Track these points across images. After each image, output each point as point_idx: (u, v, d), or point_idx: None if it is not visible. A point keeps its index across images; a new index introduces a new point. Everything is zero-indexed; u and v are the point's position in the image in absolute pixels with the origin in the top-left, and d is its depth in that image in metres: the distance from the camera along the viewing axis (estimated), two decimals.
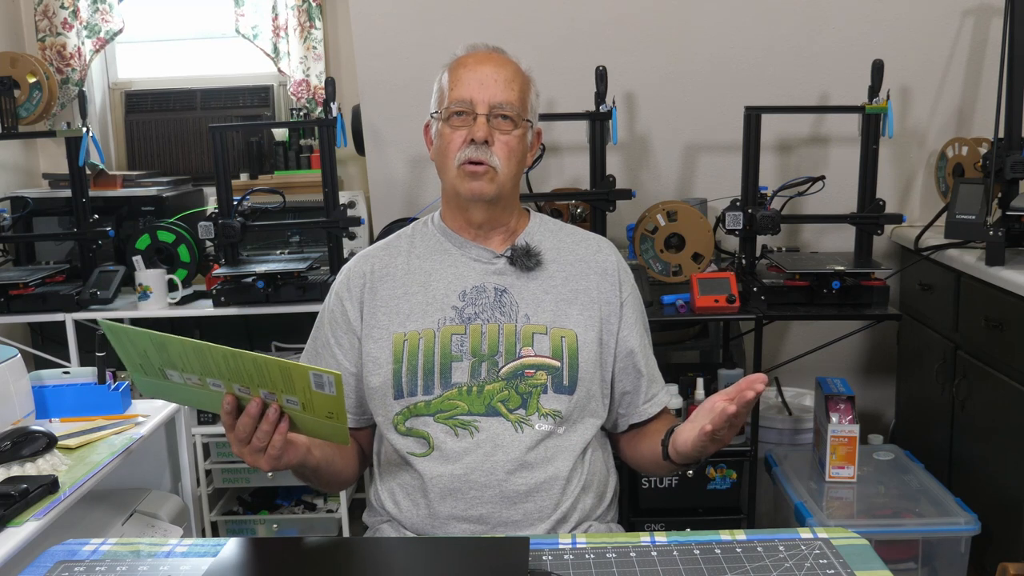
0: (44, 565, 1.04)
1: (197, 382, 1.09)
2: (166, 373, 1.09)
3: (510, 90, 1.32)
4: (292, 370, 1.04)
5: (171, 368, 1.08)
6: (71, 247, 2.70)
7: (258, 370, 1.05)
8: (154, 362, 1.08)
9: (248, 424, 1.10)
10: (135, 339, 1.07)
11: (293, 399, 1.09)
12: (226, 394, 1.09)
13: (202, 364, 1.07)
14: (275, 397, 1.09)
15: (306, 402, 1.08)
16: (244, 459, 1.14)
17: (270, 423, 1.10)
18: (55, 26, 2.95)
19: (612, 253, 1.43)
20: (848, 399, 2.15)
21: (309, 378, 1.04)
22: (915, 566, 2.04)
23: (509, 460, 1.26)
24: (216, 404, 1.11)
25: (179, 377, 1.09)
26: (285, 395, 1.08)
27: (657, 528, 2.25)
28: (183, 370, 1.08)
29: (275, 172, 3.02)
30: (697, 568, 0.98)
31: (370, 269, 1.39)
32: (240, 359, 1.04)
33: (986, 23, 2.52)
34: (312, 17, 2.96)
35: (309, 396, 1.07)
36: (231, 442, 1.14)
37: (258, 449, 1.12)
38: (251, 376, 1.07)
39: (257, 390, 1.08)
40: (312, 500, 2.65)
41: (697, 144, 2.70)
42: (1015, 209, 2.08)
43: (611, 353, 1.37)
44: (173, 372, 1.08)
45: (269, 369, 1.05)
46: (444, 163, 1.34)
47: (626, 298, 1.40)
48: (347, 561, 1.04)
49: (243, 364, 1.05)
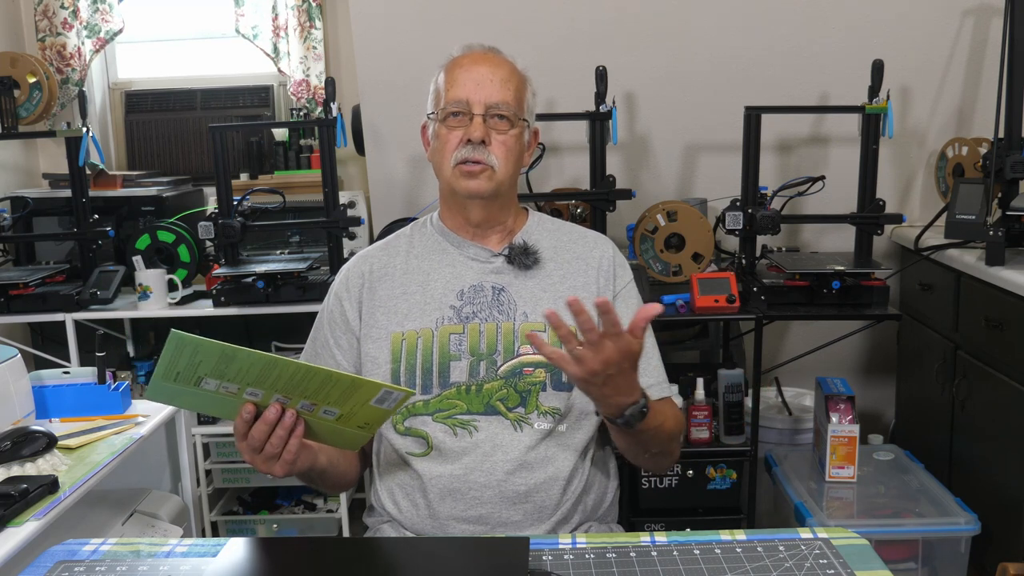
0: (44, 565, 1.04)
1: (233, 391, 1.06)
2: (203, 382, 1.05)
3: (506, 90, 1.32)
4: (362, 385, 1.04)
5: (216, 378, 1.05)
6: (71, 247, 2.70)
7: (319, 384, 1.04)
8: (200, 372, 1.04)
9: (263, 431, 1.09)
10: (203, 350, 1.01)
11: (333, 410, 1.08)
12: (246, 402, 1.08)
13: (259, 375, 1.04)
14: (313, 407, 1.08)
15: (347, 413, 1.08)
16: (256, 467, 1.13)
17: (285, 428, 1.09)
18: (55, 26, 2.95)
19: (608, 248, 1.42)
20: (848, 399, 2.15)
21: (376, 393, 1.04)
22: (915, 566, 2.04)
23: (508, 460, 1.26)
24: (232, 412, 1.10)
25: (215, 385, 1.05)
26: (325, 406, 1.08)
27: (657, 528, 2.25)
28: (226, 379, 1.05)
29: (275, 172, 3.01)
30: (697, 568, 0.98)
31: (369, 269, 1.40)
32: (311, 375, 1.03)
33: (986, 23, 2.52)
34: (312, 17, 2.96)
35: (357, 409, 1.07)
36: (243, 450, 1.12)
37: (272, 456, 1.11)
38: (303, 388, 1.05)
39: (298, 401, 1.07)
40: (312, 500, 2.65)
41: (697, 144, 2.70)
42: (1015, 209, 2.08)
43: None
44: (212, 381, 1.05)
45: (335, 383, 1.04)
46: (441, 163, 1.34)
47: (620, 291, 1.39)
48: (347, 561, 1.04)
49: (310, 379, 1.04)
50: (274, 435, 1.09)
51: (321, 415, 1.09)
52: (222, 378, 1.04)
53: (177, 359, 1.02)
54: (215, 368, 1.03)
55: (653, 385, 1.35)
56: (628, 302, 1.39)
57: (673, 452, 1.34)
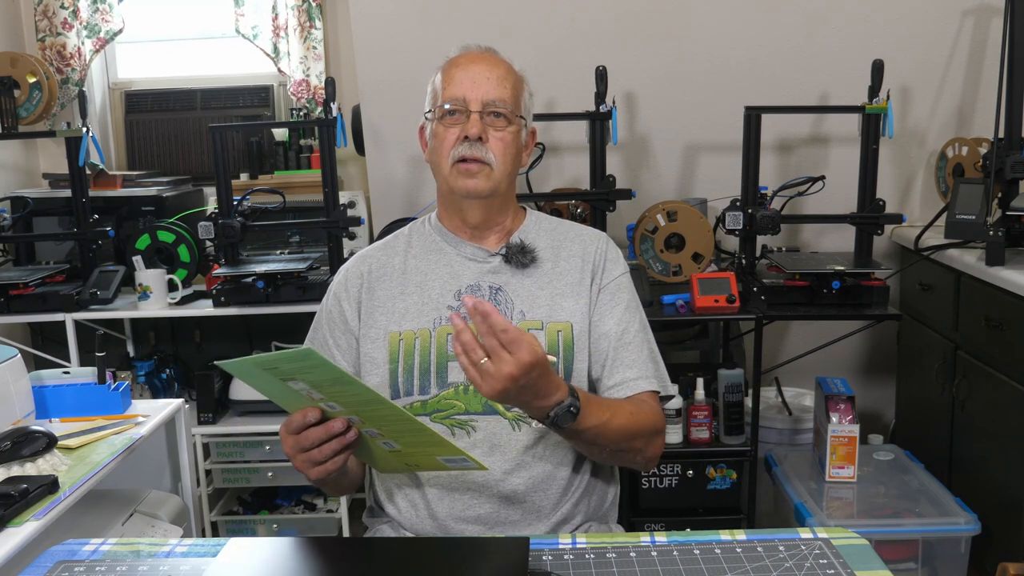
0: (44, 565, 1.04)
1: (316, 398, 1.05)
2: (296, 383, 1.03)
3: (503, 88, 1.32)
4: (444, 445, 1.05)
5: (312, 387, 1.03)
6: (71, 247, 2.70)
7: (408, 431, 1.05)
8: (300, 377, 1.02)
9: (320, 437, 1.08)
10: (324, 369, 0.99)
11: (395, 445, 1.09)
12: (313, 408, 1.07)
13: (355, 403, 1.04)
14: (378, 437, 1.08)
15: (407, 453, 1.09)
16: (294, 462, 1.13)
17: (342, 444, 1.08)
18: (55, 26, 2.95)
19: (602, 243, 1.40)
20: (848, 399, 2.15)
21: (451, 456, 1.06)
22: (915, 566, 2.04)
23: (507, 459, 1.26)
24: (296, 407, 1.09)
25: (304, 388, 1.03)
26: (392, 440, 1.08)
27: (657, 528, 2.25)
28: (319, 391, 1.03)
29: (275, 172, 3.01)
30: (697, 568, 0.98)
31: (368, 269, 1.39)
32: (407, 425, 1.04)
33: (986, 23, 2.52)
34: (312, 17, 2.96)
35: (419, 455, 1.09)
36: (288, 443, 1.11)
37: (316, 461, 1.10)
38: (388, 427, 1.06)
39: (370, 427, 1.07)
40: (312, 500, 2.65)
41: (697, 144, 2.70)
42: (1015, 209, 2.08)
43: (587, 339, 1.34)
44: (304, 386, 1.03)
45: (422, 435, 1.04)
46: (439, 162, 1.34)
47: (606, 284, 1.36)
48: (347, 561, 1.04)
49: (402, 424, 1.04)
50: (327, 445, 1.09)
51: (380, 444, 1.09)
52: (317, 389, 1.03)
53: (291, 365, 0.99)
54: (317, 381, 1.02)
55: (637, 378, 1.31)
56: (615, 296, 1.36)
57: (642, 450, 1.27)
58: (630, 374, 1.31)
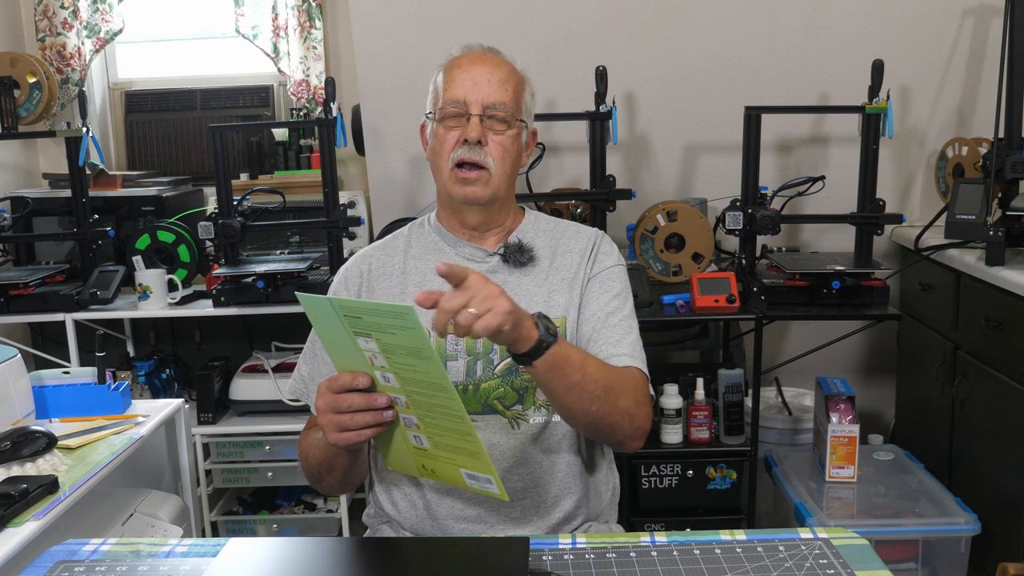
0: (44, 565, 1.04)
1: (376, 364, 1.01)
2: (367, 340, 0.99)
3: (504, 90, 1.32)
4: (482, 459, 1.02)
5: (382, 352, 0.99)
6: (71, 247, 2.70)
7: (452, 428, 1.02)
8: (377, 336, 0.98)
9: (360, 404, 1.06)
10: (410, 333, 0.95)
11: (425, 441, 1.06)
12: (366, 374, 1.05)
13: (419, 380, 1.00)
14: (415, 427, 1.06)
15: (433, 455, 1.07)
16: (320, 419, 1.10)
17: (377, 419, 1.06)
18: (55, 26, 2.95)
19: (597, 237, 1.40)
20: (848, 399, 2.15)
21: (480, 472, 1.04)
22: (915, 566, 2.04)
23: (506, 458, 1.27)
24: (347, 367, 1.06)
25: (370, 350, 0.99)
26: (426, 436, 1.06)
27: (657, 528, 2.25)
28: (386, 356, 0.99)
29: (275, 172, 3.01)
30: (697, 568, 0.98)
31: (367, 269, 1.40)
32: (458, 420, 1.00)
33: (986, 23, 2.52)
34: (312, 17, 2.96)
35: (444, 461, 1.07)
36: (322, 399, 1.08)
37: (344, 426, 1.07)
38: (432, 419, 1.03)
39: (412, 414, 1.05)
40: (312, 500, 2.65)
41: (697, 144, 2.70)
42: (1015, 209, 2.08)
43: (576, 328, 1.33)
44: (374, 346, 0.98)
45: (467, 437, 1.01)
46: (438, 164, 1.34)
47: (596, 274, 1.36)
48: (347, 561, 1.04)
49: (451, 419, 1.01)
50: (362, 416, 1.06)
51: (409, 436, 1.07)
52: (387, 354, 0.99)
53: (378, 319, 0.95)
54: (393, 345, 0.97)
55: (620, 355, 1.28)
56: (605, 284, 1.35)
57: (630, 412, 1.21)
58: (613, 350, 1.28)
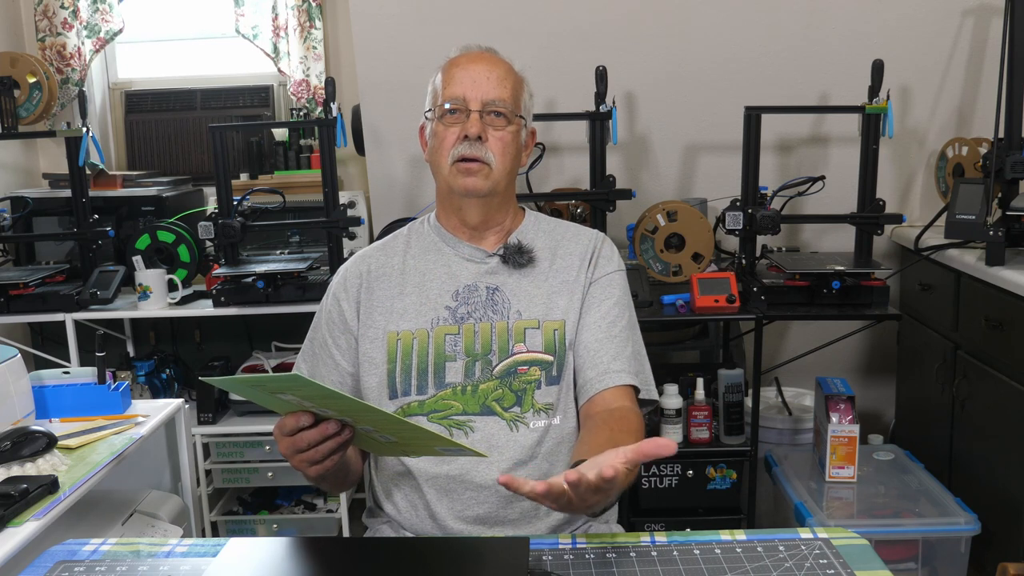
0: (44, 565, 1.04)
1: (308, 406, 1.04)
2: (286, 395, 1.03)
3: (503, 87, 1.32)
4: (444, 442, 1.04)
5: (304, 399, 1.03)
6: (71, 247, 2.70)
7: (404, 431, 1.04)
8: (291, 393, 1.01)
9: (315, 439, 1.05)
10: (312, 387, 0.98)
11: (392, 439, 1.08)
12: (305, 413, 1.05)
13: (349, 411, 1.03)
14: (374, 432, 1.07)
15: (403, 443, 1.10)
16: (292, 462, 1.10)
17: (338, 442, 1.06)
18: (55, 26, 2.95)
19: (598, 240, 1.40)
20: (848, 399, 2.15)
21: (451, 447, 1.05)
22: (915, 566, 2.04)
23: (505, 459, 1.26)
24: (289, 410, 1.08)
25: (295, 400, 1.03)
26: (389, 435, 1.07)
27: (657, 528, 2.25)
28: (310, 401, 1.03)
29: (275, 172, 3.02)
30: (697, 568, 0.98)
31: (367, 269, 1.40)
32: (404, 427, 1.02)
33: (986, 23, 2.52)
34: (312, 17, 2.96)
35: (417, 446, 1.12)
36: (283, 445, 1.09)
37: (313, 460, 1.08)
38: (384, 427, 1.05)
39: (365, 425, 1.06)
40: (312, 500, 2.65)
41: (697, 144, 2.70)
42: (1015, 209, 2.08)
43: (575, 333, 1.33)
44: (291, 396, 1.02)
45: (421, 435, 1.02)
46: (438, 161, 1.34)
47: (598, 279, 1.36)
48: (347, 561, 1.04)
49: (401, 427, 1.03)
50: (324, 445, 1.06)
51: (377, 436, 1.08)
52: (308, 400, 1.02)
53: (278, 384, 0.99)
54: (307, 396, 1.01)
55: (619, 371, 1.28)
56: (605, 291, 1.35)
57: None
58: (612, 366, 1.29)
